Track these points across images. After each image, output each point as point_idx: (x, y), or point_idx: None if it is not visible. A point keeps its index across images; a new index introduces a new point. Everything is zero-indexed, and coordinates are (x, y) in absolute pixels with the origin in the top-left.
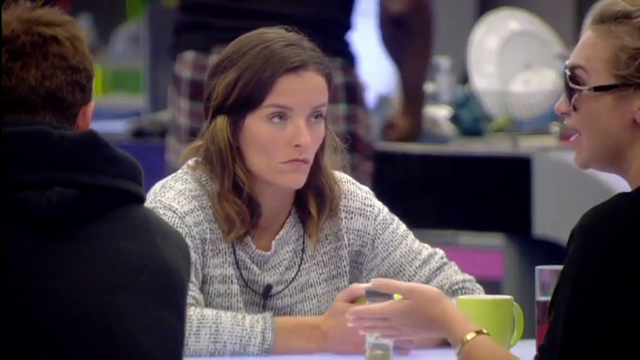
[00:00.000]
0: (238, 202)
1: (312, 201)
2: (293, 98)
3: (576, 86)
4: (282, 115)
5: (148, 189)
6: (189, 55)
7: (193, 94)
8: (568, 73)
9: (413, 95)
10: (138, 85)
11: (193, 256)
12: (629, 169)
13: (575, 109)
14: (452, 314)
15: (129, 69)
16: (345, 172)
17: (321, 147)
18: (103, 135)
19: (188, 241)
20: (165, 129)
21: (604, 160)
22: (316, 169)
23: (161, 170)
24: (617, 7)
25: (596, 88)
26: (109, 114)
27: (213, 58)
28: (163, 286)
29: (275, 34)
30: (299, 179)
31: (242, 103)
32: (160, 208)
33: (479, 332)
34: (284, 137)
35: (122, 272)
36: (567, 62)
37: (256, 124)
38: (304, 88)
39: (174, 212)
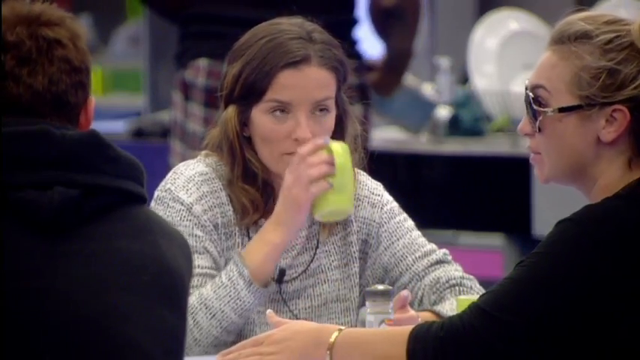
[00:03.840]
0: (250, 189)
1: None
2: (292, 93)
3: (540, 108)
4: (283, 109)
5: (148, 189)
6: (203, 63)
7: (208, 101)
8: (530, 94)
9: (400, 58)
10: (138, 85)
11: (205, 245)
12: (592, 186)
13: (539, 130)
14: (323, 326)
15: (129, 69)
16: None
17: (342, 137)
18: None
19: (198, 232)
20: (166, 129)
21: (567, 176)
22: None
23: (161, 170)
24: (576, 26)
25: (561, 110)
26: (109, 114)
27: None
28: (165, 286)
29: (287, 25)
30: None
31: (246, 95)
32: (169, 199)
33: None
34: (284, 130)
35: (123, 272)
36: (527, 83)
37: (259, 116)
38: (304, 84)
39: (181, 204)
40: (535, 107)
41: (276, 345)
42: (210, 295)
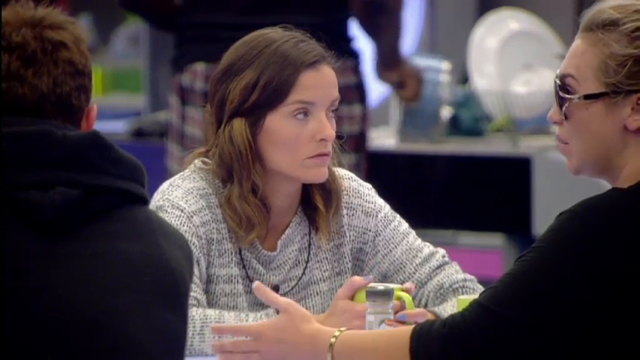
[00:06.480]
0: (258, 202)
1: (318, 196)
2: (315, 93)
3: (567, 95)
4: (305, 111)
5: (149, 189)
6: (200, 67)
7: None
8: (558, 82)
9: (394, 57)
10: (138, 85)
11: (198, 256)
12: (618, 175)
13: (566, 117)
14: (320, 329)
15: (129, 69)
16: (352, 170)
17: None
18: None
19: (195, 240)
20: (166, 129)
21: (595, 166)
22: None
23: (161, 170)
24: (604, 15)
25: (587, 97)
26: (109, 114)
27: None
28: (166, 286)
29: (277, 34)
30: (324, 172)
31: (263, 102)
32: (169, 206)
33: (342, 331)
34: (308, 132)
35: (124, 273)
36: (557, 72)
37: (278, 122)
38: (323, 83)
39: (182, 211)
40: (562, 94)
41: (275, 345)
42: (231, 323)
